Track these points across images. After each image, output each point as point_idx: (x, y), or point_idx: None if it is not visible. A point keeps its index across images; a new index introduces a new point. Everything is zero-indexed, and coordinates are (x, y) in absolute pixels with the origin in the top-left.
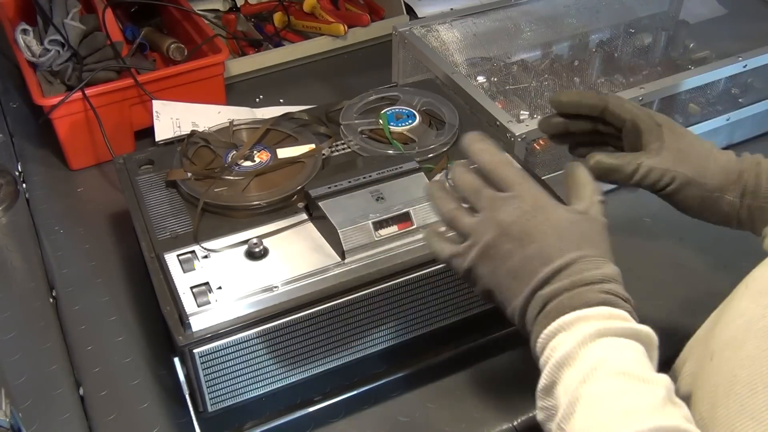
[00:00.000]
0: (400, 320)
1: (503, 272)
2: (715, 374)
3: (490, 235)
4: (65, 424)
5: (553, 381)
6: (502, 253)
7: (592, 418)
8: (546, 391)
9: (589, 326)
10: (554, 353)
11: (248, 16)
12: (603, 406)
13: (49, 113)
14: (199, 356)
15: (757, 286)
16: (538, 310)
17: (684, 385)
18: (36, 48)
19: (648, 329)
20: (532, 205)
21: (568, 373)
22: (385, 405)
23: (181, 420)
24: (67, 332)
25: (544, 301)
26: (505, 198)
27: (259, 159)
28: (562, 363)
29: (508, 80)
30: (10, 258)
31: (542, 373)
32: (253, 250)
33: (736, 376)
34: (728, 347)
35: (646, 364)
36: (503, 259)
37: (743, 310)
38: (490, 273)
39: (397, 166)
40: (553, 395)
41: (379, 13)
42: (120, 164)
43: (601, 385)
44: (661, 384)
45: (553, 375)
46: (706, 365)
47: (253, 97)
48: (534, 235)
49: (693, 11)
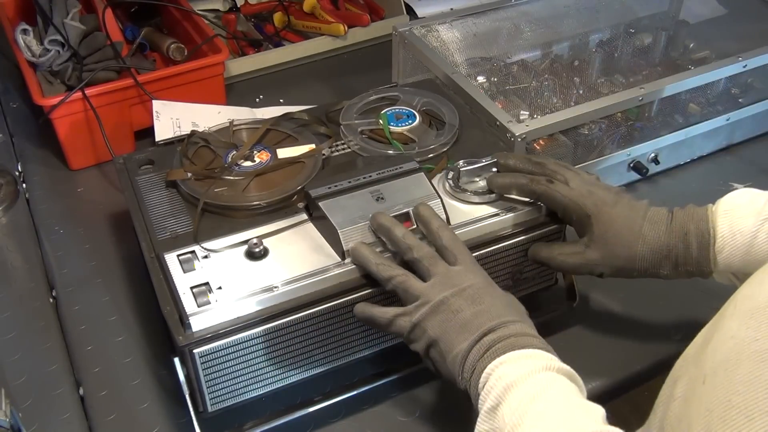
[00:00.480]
0: None
1: (452, 323)
2: (708, 398)
3: (443, 294)
4: (65, 424)
5: (498, 402)
6: (454, 308)
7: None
8: (490, 413)
9: (534, 362)
10: (501, 381)
11: (248, 16)
12: (550, 419)
13: (49, 113)
14: (199, 356)
15: (746, 306)
16: (484, 350)
17: (676, 407)
18: (36, 48)
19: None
20: (482, 280)
21: (515, 394)
22: (385, 405)
23: (181, 420)
24: (67, 332)
25: (491, 344)
26: (458, 269)
27: (259, 159)
28: (510, 386)
29: (508, 80)
30: (10, 258)
31: (487, 398)
32: (253, 250)
33: (731, 401)
34: (720, 370)
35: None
36: (454, 313)
37: (734, 331)
38: (438, 324)
39: (397, 166)
40: (497, 416)
41: (379, 13)
42: (120, 164)
43: (546, 403)
44: (600, 409)
45: (500, 397)
46: (698, 389)
47: (253, 97)
48: (484, 298)
49: (693, 11)
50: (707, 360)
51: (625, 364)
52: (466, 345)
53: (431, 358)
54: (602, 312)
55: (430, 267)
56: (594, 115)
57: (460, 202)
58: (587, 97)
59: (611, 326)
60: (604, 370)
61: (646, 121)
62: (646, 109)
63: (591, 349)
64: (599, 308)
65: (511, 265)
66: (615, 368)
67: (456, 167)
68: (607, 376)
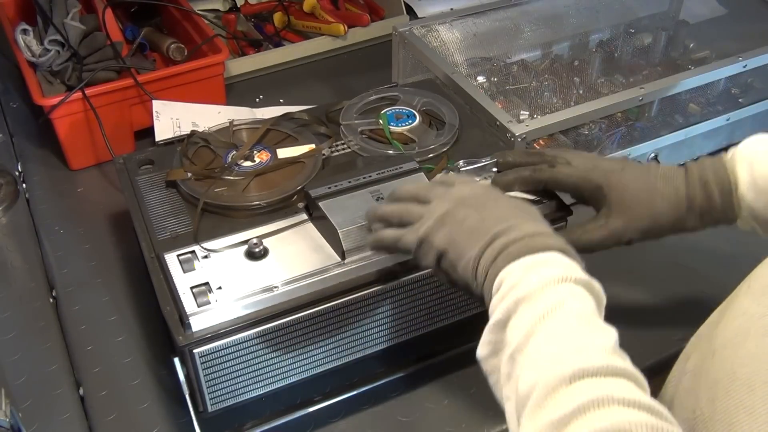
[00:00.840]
0: (399, 320)
1: (459, 232)
2: (715, 371)
3: (446, 207)
4: (65, 424)
5: (508, 316)
6: (459, 217)
7: (546, 350)
8: (498, 325)
9: (549, 270)
10: (512, 292)
11: (248, 16)
12: (558, 341)
13: (49, 113)
14: (199, 356)
15: (759, 285)
16: (496, 254)
17: (686, 381)
18: (36, 48)
19: (599, 286)
20: (483, 190)
21: (526, 309)
22: (385, 405)
23: (181, 420)
24: (67, 332)
25: (503, 247)
26: (457, 187)
27: (259, 159)
28: (521, 300)
29: (508, 80)
30: (10, 258)
31: (496, 309)
32: (253, 250)
33: (736, 373)
34: (729, 345)
35: (598, 314)
36: (460, 222)
37: (745, 308)
38: (445, 235)
39: (397, 166)
40: (505, 330)
41: (379, 13)
42: (120, 164)
43: (557, 323)
44: (613, 332)
45: (510, 311)
46: (707, 362)
47: (253, 97)
48: (488, 204)
49: (693, 11)
50: (718, 336)
51: None
52: (476, 250)
53: (443, 271)
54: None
55: (428, 193)
56: (594, 115)
57: None
58: (587, 97)
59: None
60: None
61: (646, 121)
62: (646, 109)
63: None
64: None
65: None
66: None
67: (456, 167)
68: None
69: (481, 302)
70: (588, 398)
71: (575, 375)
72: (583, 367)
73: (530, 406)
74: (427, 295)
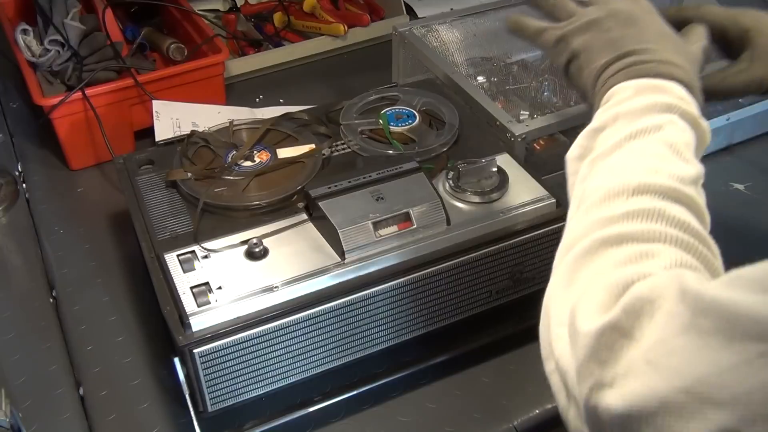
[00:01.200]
0: (399, 320)
1: (598, 40)
2: None
3: (597, 14)
4: (65, 424)
5: (604, 126)
6: (604, 28)
7: (625, 163)
8: (593, 132)
9: (662, 96)
10: (617, 106)
11: (248, 16)
12: (640, 158)
13: (49, 113)
14: (199, 356)
15: None
16: (619, 69)
17: None
18: (36, 48)
19: (708, 126)
20: (643, 7)
21: (622, 125)
22: (385, 405)
23: (181, 420)
24: (67, 332)
25: (629, 65)
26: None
27: (259, 159)
28: (621, 115)
29: (508, 80)
30: (10, 258)
31: (597, 117)
32: (253, 250)
33: None
34: None
35: (692, 151)
36: (603, 32)
37: None
38: (585, 40)
39: (397, 166)
40: (596, 137)
41: (379, 13)
42: (120, 164)
43: (647, 144)
44: (699, 169)
45: (607, 122)
46: None
47: (253, 97)
48: (638, 23)
49: None
50: None
51: None
52: (604, 61)
53: (569, 73)
54: None
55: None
56: None
57: (460, 202)
58: None
59: None
60: None
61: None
62: None
63: None
64: None
65: (512, 265)
66: None
67: (456, 167)
68: None
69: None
70: (640, 207)
71: (639, 188)
72: (649, 183)
73: (588, 205)
74: (427, 295)
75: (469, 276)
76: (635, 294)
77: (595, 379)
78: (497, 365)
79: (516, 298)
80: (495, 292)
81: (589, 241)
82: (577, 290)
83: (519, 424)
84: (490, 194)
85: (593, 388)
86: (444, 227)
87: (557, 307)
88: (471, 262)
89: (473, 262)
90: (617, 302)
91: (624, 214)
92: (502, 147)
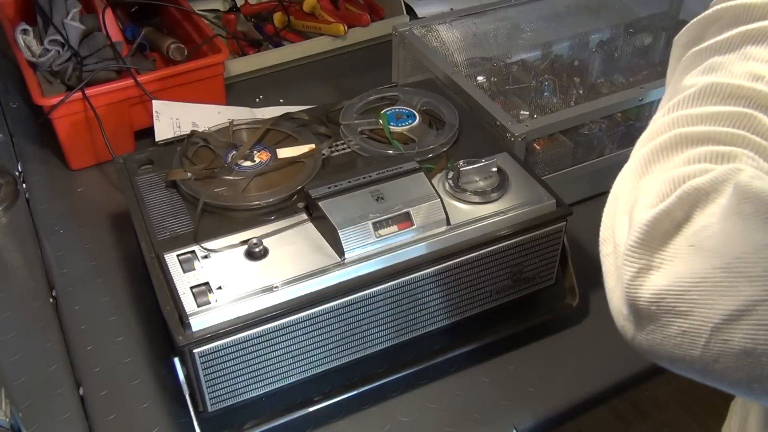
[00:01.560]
0: (399, 320)
1: None
2: None
3: None
4: (65, 424)
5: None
6: None
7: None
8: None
9: None
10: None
11: (248, 16)
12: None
13: (49, 113)
14: (199, 356)
15: None
16: None
17: None
18: (36, 48)
19: None
20: None
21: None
22: (385, 405)
23: (181, 420)
24: (67, 332)
25: None
26: None
27: (259, 159)
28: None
29: (508, 80)
30: (10, 258)
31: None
32: (253, 250)
33: None
34: None
35: None
36: None
37: None
38: None
39: (397, 166)
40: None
41: (379, 13)
42: (120, 164)
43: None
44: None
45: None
46: None
47: (253, 97)
48: None
49: (693, 11)
50: None
51: (625, 364)
52: None
53: None
54: (603, 311)
55: None
56: (594, 115)
57: (460, 202)
58: (587, 97)
59: (611, 326)
60: (605, 370)
61: (646, 121)
62: (646, 109)
63: (591, 348)
64: (599, 308)
65: (512, 265)
66: (615, 368)
67: (456, 167)
68: (607, 376)
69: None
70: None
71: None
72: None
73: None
74: (426, 295)
75: (469, 276)
76: (693, 185)
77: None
78: (497, 365)
79: (516, 297)
80: (495, 291)
81: (670, 136)
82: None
83: (519, 424)
84: (489, 194)
85: (640, 270)
86: (444, 227)
87: (626, 195)
88: (471, 262)
89: (473, 262)
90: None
91: (712, 115)
92: (502, 147)
